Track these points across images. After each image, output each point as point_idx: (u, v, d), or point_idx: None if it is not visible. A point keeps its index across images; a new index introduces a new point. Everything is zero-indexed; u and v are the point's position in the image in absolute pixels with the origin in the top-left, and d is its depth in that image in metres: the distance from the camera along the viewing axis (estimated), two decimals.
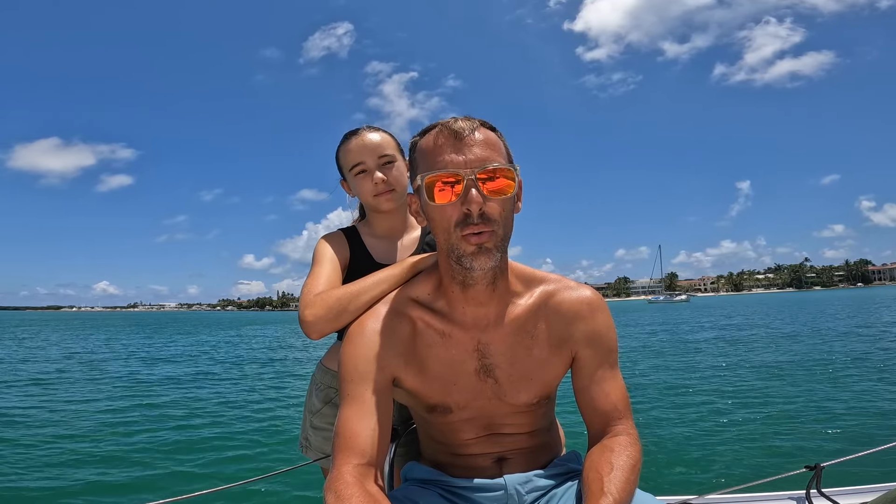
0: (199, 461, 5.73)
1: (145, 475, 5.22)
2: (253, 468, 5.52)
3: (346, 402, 0.98)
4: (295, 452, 1.62)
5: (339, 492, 0.86)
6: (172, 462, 5.67)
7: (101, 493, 4.73)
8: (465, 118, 0.98)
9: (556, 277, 1.13)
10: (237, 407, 8.89)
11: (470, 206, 0.92)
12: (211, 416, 8.19)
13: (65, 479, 5.04)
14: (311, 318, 1.09)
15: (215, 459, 5.83)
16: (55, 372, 14.08)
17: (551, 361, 1.08)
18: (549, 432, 1.19)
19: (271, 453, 6.06)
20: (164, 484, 4.95)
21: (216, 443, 6.52)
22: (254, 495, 4.43)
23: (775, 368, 11.40)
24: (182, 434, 6.97)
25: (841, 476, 2.29)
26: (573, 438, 1.34)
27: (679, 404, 8.07)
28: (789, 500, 1.57)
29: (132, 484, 4.94)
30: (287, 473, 2.28)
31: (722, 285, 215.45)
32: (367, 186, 1.38)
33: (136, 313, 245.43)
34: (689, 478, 4.79)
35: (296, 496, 4.49)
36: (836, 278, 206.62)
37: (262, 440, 6.66)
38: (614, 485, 0.91)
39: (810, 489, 1.53)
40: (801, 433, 6.15)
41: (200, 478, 5.14)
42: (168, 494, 1.56)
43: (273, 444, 6.47)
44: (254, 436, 6.86)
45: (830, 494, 1.53)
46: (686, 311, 52.35)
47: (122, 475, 5.19)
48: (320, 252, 1.32)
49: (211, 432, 7.04)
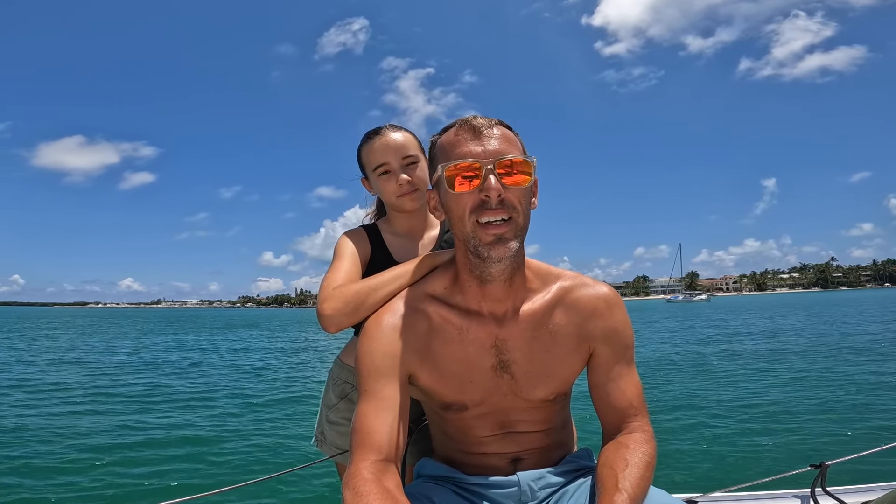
0: (214, 458, 5.76)
1: (158, 473, 5.23)
2: (271, 465, 5.56)
3: (364, 398, 0.98)
4: (311, 449, 1.63)
5: (357, 488, 0.86)
6: (186, 459, 5.70)
7: (111, 492, 4.73)
8: (484, 117, 1.01)
9: (573, 274, 1.13)
10: (254, 403, 9.00)
11: (489, 192, 0.94)
12: (227, 412, 8.28)
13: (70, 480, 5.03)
14: (329, 312, 1.10)
15: (231, 456, 5.88)
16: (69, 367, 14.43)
17: (568, 358, 1.08)
18: (563, 430, 1.19)
19: (288, 450, 6.12)
20: (179, 481, 4.98)
21: (232, 439, 6.57)
22: (271, 492, 4.46)
23: (781, 366, 11.29)
24: (197, 431, 7.02)
25: (846, 474, 2.25)
26: (584, 435, 1.34)
27: (685, 402, 8.03)
28: (794, 498, 1.56)
29: (145, 483, 4.94)
30: (304, 469, 2.32)
31: (745, 285, 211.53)
32: (390, 187, 1.37)
33: (159, 310, 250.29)
34: (694, 476, 4.77)
35: (313, 492, 4.52)
36: (863, 278, 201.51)
37: (278, 437, 6.71)
38: (629, 481, 0.90)
39: (815, 487, 1.52)
40: (807, 431, 6.10)
41: (215, 475, 5.16)
42: (183, 492, 1.59)
43: (290, 440, 6.53)
44: (271, 432, 6.92)
45: (835, 493, 1.51)
46: (706, 310, 51.55)
47: (135, 473, 5.20)
48: (341, 247, 1.33)
49: (227, 429, 7.10)
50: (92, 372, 13.26)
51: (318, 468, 3.72)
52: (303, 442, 6.37)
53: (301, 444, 6.24)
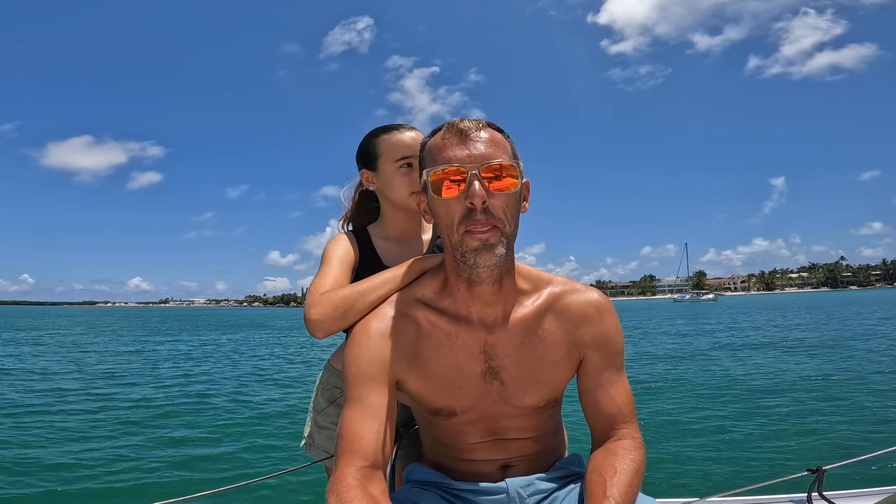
0: (202, 461, 5.73)
1: (146, 476, 5.19)
2: (258, 468, 5.54)
3: (350, 404, 0.98)
4: (300, 452, 1.63)
5: (342, 494, 0.86)
6: (174, 462, 5.66)
7: (103, 494, 4.71)
8: (472, 119, 0.99)
9: (563, 279, 1.12)
10: (244, 406, 8.93)
11: (473, 199, 0.93)
12: (215, 414, 8.20)
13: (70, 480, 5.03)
14: (317, 317, 1.09)
15: (219, 459, 5.85)
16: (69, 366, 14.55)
17: (559, 364, 1.06)
18: (554, 437, 1.18)
19: (276, 453, 6.10)
20: (167, 484, 4.95)
21: (220, 442, 6.54)
22: (258, 495, 4.43)
23: (779, 368, 11.20)
24: (185, 433, 6.96)
25: (843, 479, 2.24)
26: (574, 441, 1.33)
27: (680, 406, 7.97)
28: (791, 502, 1.56)
29: (135, 485, 4.91)
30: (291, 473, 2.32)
31: (753, 284, 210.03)
32: (408, 182, 1.34)
33: (167, 309, 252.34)
34: (690, 480, 4.74)
35: (300, 496, 4.49)
36: (872, 277, 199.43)
37: (266, 439, 6.69)
38: (617, 488, 0.90)
39: (812, 492, 1.53)
40: (803, 436, 6.05)
41: (203, 478, 5.13)
42: (171, 494, 1.59)
43: (278, 444, 6.50)
44: (258, 435, 6.88)
45: (832, 498, 1.51)
46: (713, 310, 51.21)
47: (125, 476, 5.16)
48: (329, 252, 1.31)
49: (214, 432, 7.04)
50: (92, 372, 13.27)
51: (307, 472, 3.72)
52: (294, 444, 6.33)
53: (291, 447, 6.21)
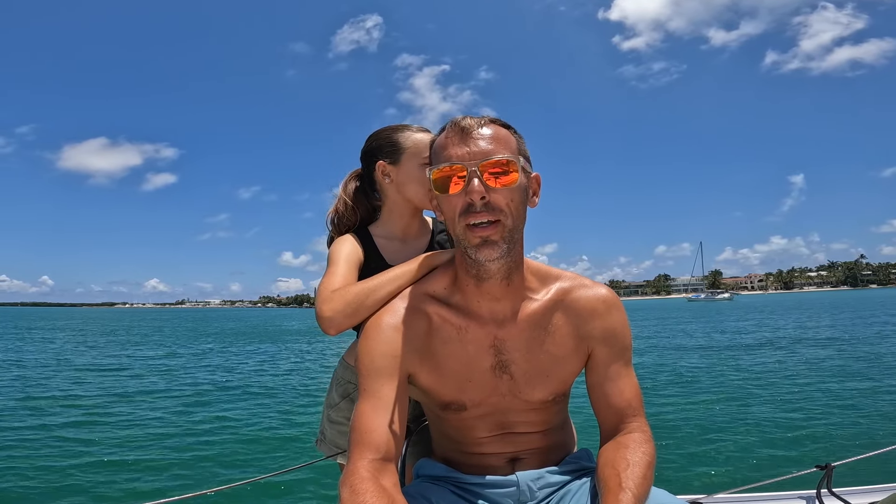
0: (214, 457, 5.81)
1: (159, 472, 5.27)
2: (270, 463, 5.59)
3: (363, 398, 1.00)
4: (312, 448, 1.65)
5: (355, 486, 0.88)
6: (187, 459, 5.73)
7: (110, 491, 4.78)
8: (475, 116, 1.01)
9: (572, 275, 1.13)
10: (257, 403, 9.04)
11: (472, 195, 0.95)
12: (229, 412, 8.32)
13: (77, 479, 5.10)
14: (329, 314, 1.11)
15: (231, 454, 5.92)
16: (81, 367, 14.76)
17: (567, 358, 1.08)
18: (562, 431, 1.19)
19: (288, 449, 6.16)
20: (180, 480, 5.02)
21: (234, 439, 6.61)
22: (269, 491, 4.49)
23: (788, 365, 11.12)
24: (199, 430, 7.06)
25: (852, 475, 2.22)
26: (583, 436, 1.34)
27: (690, 403, 7.95)
28: (799, 499, 1.56)
29: (148, 482, 4.98)
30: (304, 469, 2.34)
31: (771, 283, 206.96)
32: (427, 181, 1.35)
33: (183, 310, 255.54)
34: (699, 477, 4.73)
35: (311, 492, 4.53)
36: (893, 276, 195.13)
37: (279, 435, 6.76)
38: (632, 480, 0.91)
39: (821, 488, 1.52)
40: (812, 432, 6.02)
41: (214, 474, 5.20)
42: (183, 491, 1.62)
43: (290, 439, 6.57)
44: (272, 431, 6.97)
45: (841, 494, 1.51)
46: (727, 310, 50.51)
47: (138, 473, 5.25)
48: (336, 252, 1.34)
49: (229, 429, 7.14)
50: (100, 372, 13.48)
51: (317, 468, 3.75)
52: (303, 441, 6.41)
53: (301, 444, 6.27)
